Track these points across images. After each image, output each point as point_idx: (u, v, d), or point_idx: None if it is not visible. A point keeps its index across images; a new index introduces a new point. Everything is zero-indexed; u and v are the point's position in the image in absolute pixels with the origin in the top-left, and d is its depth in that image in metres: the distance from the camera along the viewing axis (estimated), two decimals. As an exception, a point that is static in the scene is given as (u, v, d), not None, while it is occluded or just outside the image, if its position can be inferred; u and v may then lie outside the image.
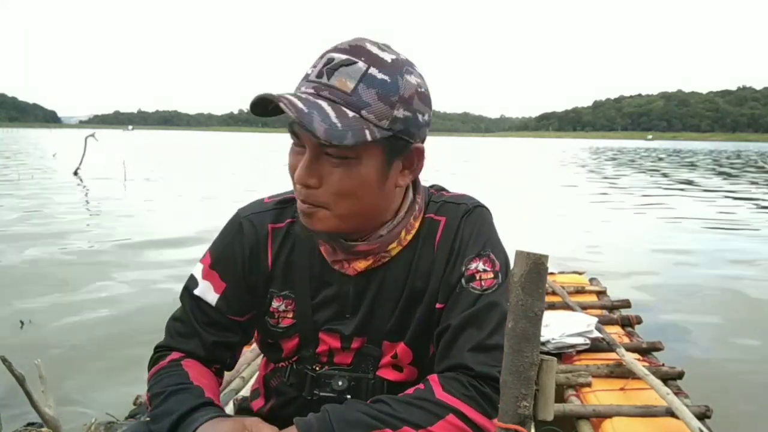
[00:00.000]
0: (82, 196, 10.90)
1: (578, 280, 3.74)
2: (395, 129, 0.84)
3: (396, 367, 0.97)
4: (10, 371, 1.76)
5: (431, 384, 0.85)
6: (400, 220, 0.94)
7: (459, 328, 0.89)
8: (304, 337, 0.99)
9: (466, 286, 0.91)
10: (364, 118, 0.81)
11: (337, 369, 0.98)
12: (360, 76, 0.81)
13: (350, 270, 0.94)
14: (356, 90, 0.81)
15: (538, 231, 7.46)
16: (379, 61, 0.83)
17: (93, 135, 17.08)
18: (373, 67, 0.82)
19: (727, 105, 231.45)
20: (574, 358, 2.44)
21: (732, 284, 5.04)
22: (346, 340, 0.97)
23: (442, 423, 0.81)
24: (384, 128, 0.83)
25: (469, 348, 0.87)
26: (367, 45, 0.84)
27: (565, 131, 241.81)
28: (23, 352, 2.71)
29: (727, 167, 25.04)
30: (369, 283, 0.95)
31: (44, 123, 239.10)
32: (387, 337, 0.96)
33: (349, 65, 0.82)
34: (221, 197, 10.45)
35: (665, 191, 13.73)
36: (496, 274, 0.92)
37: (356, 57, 0.82)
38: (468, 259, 0.92)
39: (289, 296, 0.99)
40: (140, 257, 5.63)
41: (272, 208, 1.01)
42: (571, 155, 37.89)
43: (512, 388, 0.67)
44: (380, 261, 0.94)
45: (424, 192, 0.99)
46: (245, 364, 2.14)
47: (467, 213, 0.96)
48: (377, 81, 0.82)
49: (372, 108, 0.81)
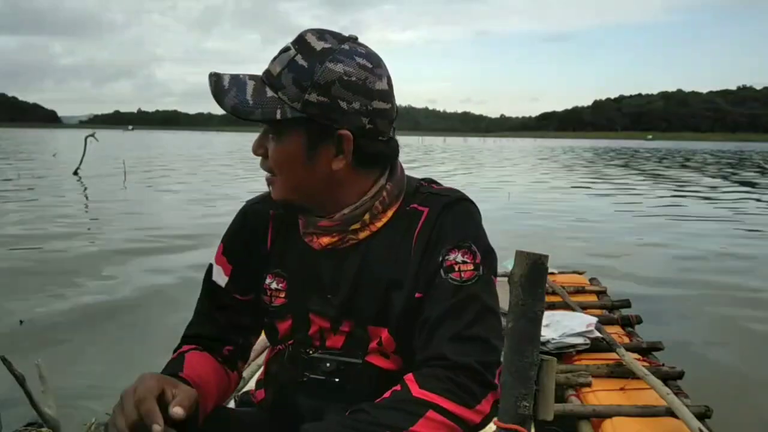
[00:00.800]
0: (82, 196, 10.91)
1: (578, 279, 3.74)
2: (309, 112, 0.90)
3: (383, 354, 0.98)
4: (10, 371, 1.77)
5: (407, 383, 0.86)
6: (363, 203, 0.97)
7: (438, 319, 0.90)
8: (296, 318, 1.02)
9: (444, 277, 0.92)
10: (280, 99, 0.90)
11: (328, 353, 0.99)
12: (287, 62, 0.91)
13: (316, 244, 0.99)
14: (280, 74, 0.91)
15: (538, 230, 7.47)
16: (307, 50, 0.91)
17: (93, 135, 17.10)
18: (299, 55, 0.91)
19: (727, 105, 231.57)
20: (574, 358, 2.44)
21: (733, 284, 5.04)
22: (334, 321, 0.99)
23: (423, 421, 0.81)
24: (297, 110, 0.90)
25: (448, 338, 0.88)
26: (308, 35, 0.92)
27: (565, 131, 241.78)
28: (23, 351, 2.72)
29: (727, 167, 25.05)
30: (343, 263, 0.99)
31: (44, 123, 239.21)
32: (371, 321, 0.97)
33: (284, 52, 0.92)
34: (221, 197, 10.47)
35: (666, 191, 13.74)
36: (477, 266, 0.92)
37: (293, 45, 0.92)
38: (446, 250, 0.93)
39: (280, 275, 1.04)
40: (140, 257, 5.63)
41: None
42: (574, 155, 37.91)
43: (512, 388, 0.67)
44: (347, 241, 0.98)
45: (406, 182, 1.02)
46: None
47: (449, 205, 0.97)
48: (296, 66, 0.90)
49: (286, 90, 0.90)
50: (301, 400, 0.99)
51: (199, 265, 5.05)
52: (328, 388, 0.97)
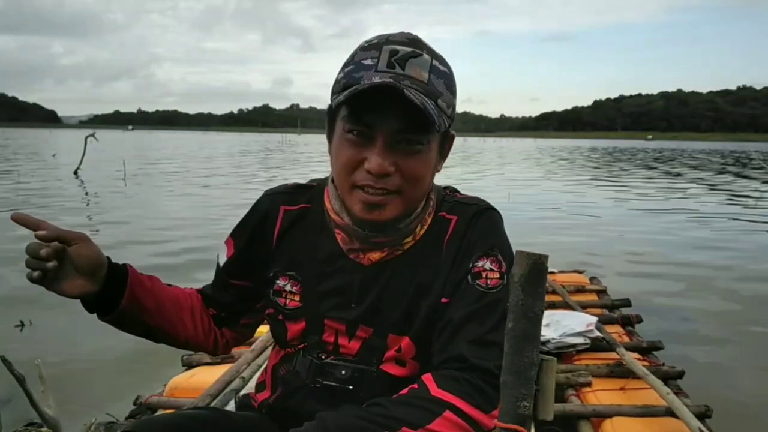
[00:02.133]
0: (82, 196, 10.90)
1: (578, 279, 3.74)
2: (453, 116, 0.92)
3: (399, 362, 0.97)
4: (10, 371, 1.76)
5: (425, 382, 0.86)
6: (417, 214, 0.96)
7: (460, 322, 0.90)
8: (310, 321, 1.00)
9: (471, 283, 0.93)
10: (439, 106, 0.87)
11: (342, 359, 0.98)
12: (429, 67, 0.87)
13: (365, 260, 0.97)
14: (430, 80, 0.87)
15: (538, 229, 7.46)
16: (436, 54, 0.90)
17: (93, 135, 17.09)
18: (435, 59, 0.89)
19: (727, 105, 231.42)
20: (574, 357, 2.44)
21: (733, 284, 5.04)
22: (351, 326, 0.98)
23: (440, 420, 0.81)
24: (449, 116, 0.90)
25: (468, 341, 0.88)
26: (417, 38, 0.90)
27: (565, 131, 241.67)
28: (23, 352, 2.72)
29: (728, 166, 25.04)
30: (377, 274, 0.97)
31: (44, 123, 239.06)
32: (393, 329, 0.97)
33: (417, 57, 0.87)
34: (220, 197, 10.46)
35: (667, 191, 13.73)
36: (502, 275, 0.93)
37: (419, 49, 0.88)
38: (476, 257, 0.94)
39: (295, 278, 1.02)
40: (140, 256, 5.62)
41: (290, 191, 1.07)
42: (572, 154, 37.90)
43: (512, 388, 0.67)
44: (394, 253, 0.97)
45: (436, 190, 1.02)
46: (245, 364, 2.14)
47: (478, 214, 0.98)
48: (441, 72, 0.89)
49: (444, 97, 0.88)
50: (310, 406, 0.97)
51: (199, 260, 5.07)
52: (340, 395, 0.96)
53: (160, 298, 1.03)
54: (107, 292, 0.96)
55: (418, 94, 0.84)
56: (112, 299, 0.97)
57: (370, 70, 0.86)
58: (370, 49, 0.88)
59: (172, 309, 1.05)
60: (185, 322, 1.07)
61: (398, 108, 0.84)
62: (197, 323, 1.08)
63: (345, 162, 0.90)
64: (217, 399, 1.89)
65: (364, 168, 0.89)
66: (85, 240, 0.92)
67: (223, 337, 1.13)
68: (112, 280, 0.96)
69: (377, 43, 0.89)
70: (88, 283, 0.93)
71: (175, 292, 1.08)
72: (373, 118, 0.87)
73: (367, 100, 0.85)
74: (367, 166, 0.88)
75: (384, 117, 0.87)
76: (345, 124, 0.89)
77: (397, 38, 0.89)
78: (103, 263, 0.94)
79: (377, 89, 0.83)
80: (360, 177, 0.90)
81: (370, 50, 0.88)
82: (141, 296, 0.99)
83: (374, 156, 0.87)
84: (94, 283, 0.94)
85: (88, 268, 0.92)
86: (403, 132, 0.87)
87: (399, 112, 0.85)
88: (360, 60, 0.88)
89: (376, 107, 0.86)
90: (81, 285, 0.92)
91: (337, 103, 0.87)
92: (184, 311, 1.07)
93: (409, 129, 0.87)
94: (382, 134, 0.87)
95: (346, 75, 0.89)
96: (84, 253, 0.91)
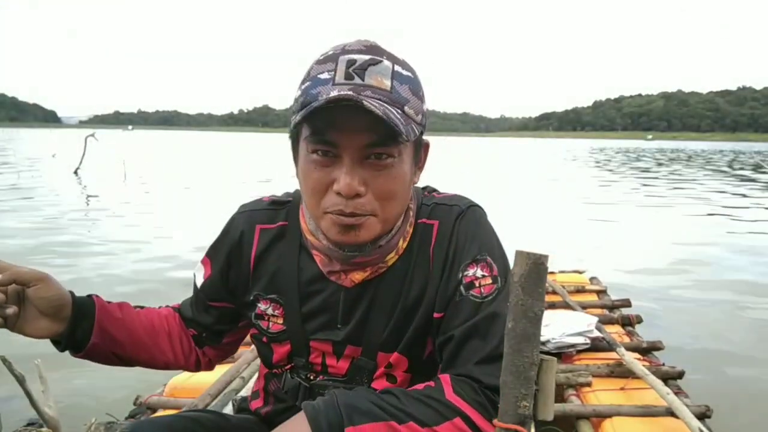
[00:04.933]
0: (82, 196, 10.90)
1: (578, 279, 3.74)
2: (424, 123, 0.86)
3: (390, 377, 0.96)
4: (10, 371, 1.76)
5: (442, 384, 0.84)
6: (397, 229, 0.91)
7: (462, 338, 0.87)
8: (295, 344, 0.98)
9: (465, 294, 0.89)
10: (406, 114, 0.81)
11: (331, 380, 0.96)
12: (391, 73, 0.82)
13: (347, 282, 0.92)
14: (393, 87, 0.81)
15: (537, 229, 7.46)
16: (397, 59, 0.84)
17: (93, 135, 17.10)
18: (396, 65, 0.83)
19: (727, 105, 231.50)
20: (574, 357, 2.43)
21: (733, 284, 5.04)
22: (338, 346, 0.95)
23: (448, 425, 0.80)
24: (418, 122, 0.84)
25: (476, 361, 0.85)
26: (376, 44, 0.85)
27: (565, 131, 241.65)
28: (23, 352, 2.71)
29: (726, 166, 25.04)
30: (362, 294, 0.93)
31: (44, 123, 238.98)
32: (382, 348, 0.94)
33: (376, 64, 0.81)
34: (220, 196, 10.46)
35: (667, 191, 13.73)
36: (495, 278, 0.89)
37: (378, 56, 0.82)
38: (464, 265, 0.90)
39: (276, 300, 0.98)
40: (140, 256, 5.63)
41: (266, 208, 1.01)
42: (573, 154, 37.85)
43: (512, 388, 0.67)
44: (377, 272, 0.92)
45: (416, 194, 0.97)
46: (245, 364, 2.14)
47: (460, 215, 0.93)
48: (404, 77, 0.83)
49: (411, 103, 0.82)
50: None
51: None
52: None
53: (132, 328, 0.99)
54: (75, 331, 0.92)
55: (380, 104, 0.78)
56: (81, 337, 0.93)
57: (327, 84, 0.80)
58: (326, 62, 0.83)
59: (146, 337, 1.01)
60: (162, 348, 1.03)
61: (362, 121, 0.78)
62: (176, 347, 1.05)
63: (313, 187, 0.85)
64: (217, 399, 1.89)
65: (333, 191, 0.83)
66: (44, 280, 0.87)
67: (206, 356, 1.09)
68: (79, 317, 0.92)
69: (333, 54, 0.83)
70: (54, 324, 0.89)
71: (149, 317, 1.03)
72: (336, 135, 0.81)
73: (328, 116, 0.78)
74: (336, 187, 0.82)
75: (348, 133, 0.80)
76: (308, 145, 0.83)
77: (353, 47, 0.83)
78: (65, 303, 0.90)
79: (335, 103, 0.77)
80: (330, 202, 0.84)
81: (326, 63, 0.82)
82: (111, 330, 0.96)
83: (342, 176, 0.81)
84: (59, 324, 0.90)
85: (50, 310, 0.88)
86: (370, 146, 0.81)
87: (363, 125, 0.79)
88: (316, 74, 0.82)
89: (339, 123, 0.80)
90: (46, 327, 0.89)
91: (296, 124, 0.81)
92: (159, 337, 1.03)
93: (377, 142, 0.81)
94: (348, 151, 0.81)
95: (303, 92, 0.82)
96: (44, 294, 0.87)
